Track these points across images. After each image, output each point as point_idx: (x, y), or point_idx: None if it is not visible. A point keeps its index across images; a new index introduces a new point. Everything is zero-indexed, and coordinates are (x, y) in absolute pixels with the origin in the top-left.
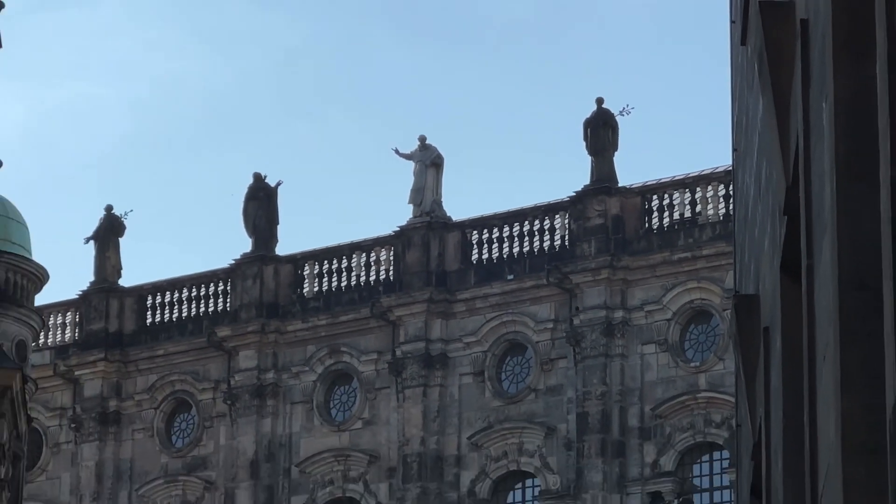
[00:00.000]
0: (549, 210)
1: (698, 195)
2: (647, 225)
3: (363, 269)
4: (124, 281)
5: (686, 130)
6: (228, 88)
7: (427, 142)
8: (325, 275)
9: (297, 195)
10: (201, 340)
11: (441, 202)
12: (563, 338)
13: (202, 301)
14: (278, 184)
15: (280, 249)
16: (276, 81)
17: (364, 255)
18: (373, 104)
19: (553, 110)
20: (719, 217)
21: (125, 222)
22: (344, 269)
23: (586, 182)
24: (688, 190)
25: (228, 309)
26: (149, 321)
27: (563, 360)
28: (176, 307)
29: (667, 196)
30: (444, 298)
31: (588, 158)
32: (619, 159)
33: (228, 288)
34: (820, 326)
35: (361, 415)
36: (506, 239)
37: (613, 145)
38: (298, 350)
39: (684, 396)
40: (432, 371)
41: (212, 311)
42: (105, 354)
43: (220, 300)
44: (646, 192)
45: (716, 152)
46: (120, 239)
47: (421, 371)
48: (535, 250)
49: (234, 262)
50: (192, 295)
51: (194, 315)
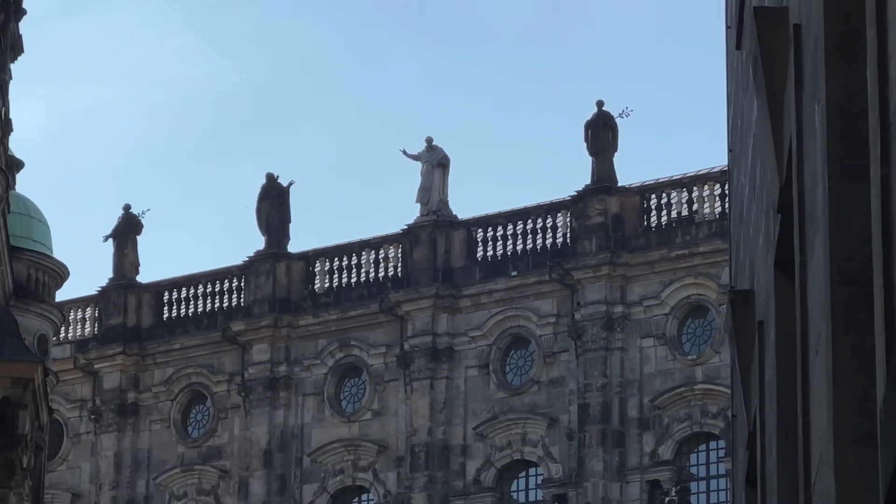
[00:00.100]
0: (551, 209)
1: (695, 194)
2: (645, 223)
3: (372, 265)
4: (142, 277)
5: (683, 132)
6: (242, 92)
7: (434, 143)
8: (336, 271)
9: (309, 195)
10: (216, 335)
11: (447, 201)
12: (564, 332)
13: (217, 297)
14: (290, 184)
15: (292, 247)
16: (288, 85)
17: (373, 252)
18: (381, 107)
19: (555, 112)
20: (715, 215)
21: (143, 221)
22: (354, 266)
23: (587, 182)
24: (685, 189)
25: (242, 304)
26: (165, 316)
27: (565, 354)
28: (192, 303)
29: (665, 195)
30: (451, 294)
31: (589, 159)
32: (619, 160)
33: (242, 284)
34: (812, 320)
35: (371, 406)
36: (509, 237)
37: (613, 146)
38: (310, 344)
39: (682, 388)
40: (439, 364)
41: (226, 307)
42: (123, 348)
43: (235, 296)
44: (644, 191)
45: (712, 153)
46: (138, 237)
47: (428, 364)
48: (538, 247)
49: (247, 259)
50: (208, 291)
51: (209, 310)
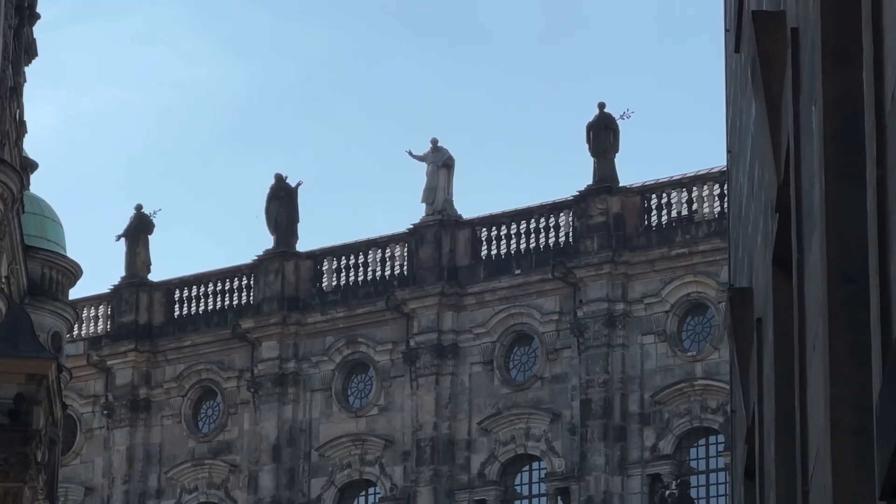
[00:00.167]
0: (554, 208)
1: (695, 194)
2: (646, 222)
3: (379, 264)
4: (153, 276)
5: (683, 133)
6: (251, 94)
7: (439, 144)
8: (343, 270)
9: (317, 195)
10: (226, 332)
11: (452, 201)
12: (567, 329)
13: (227, 295)
14: (298, 184)
15: (300, 246)
16: (296, 87)
17: (379, 251)
18: (387, 109)
19: (557, 114)
20: (714, 215)
21: (154, 221)
22: (360, 265)
23: (589, 182)
24: (685, 189)
25: (252, 302)
26: (176, 314)
27: (568, 350)
28: (202, 300)
29: (665, 195)
30: (455, 292)
31: (591, 160)
32: (620, 160)
33: (252, 282)
34: (810, 317)
35: (377, 402)
36: (513, 236)
37: (615, 147)
38: (318, 341)
39: (682, 384)
40: (444, 360)
41: (236, 305)
42: (135, 345)
43: (244, 294)
44: (645, 191)
45: (711, 154)
46: (149, 236)
47: (433, 360)
48: (541, 246)
49: (256, 258)
50: (218, 289)
51: (219, 308)
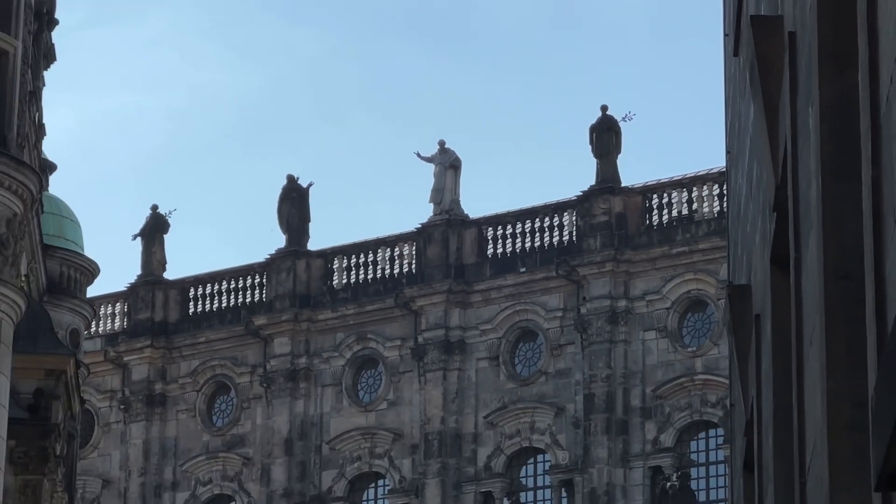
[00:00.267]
0: (558, 208)
1: (695, 194)
2: (647, 222)
3: (388, 262)
4: (169, 274)
5: (683, 135)
6: (262, 96)
7: (446, 146)
8: (353, 268)
9: (327, 195)
10: (239, 328)
11: (459, 201)
12: (571, 325)
13: (240, 292)
14: (310, 185)
15: (311, 245)
16: (307, 90)
17: (388, 249)
18: (396, 111)
19: (561, 117)
20: (714, 214)
21: (169, 220)
22: (370, 263)
23: (592, 182)
24: (685, 189)
25: (264, 300)
26: (191, 311)
27: (571, 346)
28: (216, 298)
29: (666, 195)
30: (462, 289)
31: (594, 160)
32: (622, 161)
33: (264, 280)
34: (807, 314)
35: (386, 396)
36: (518, 235)
37: (617, 148)
38: (328, 337)
39: (682, 378)
40: (451, 356)
41: (249, 302)
42: (151, 341)
43: (257, 292)
44: (646, 191)
45: (711, 155)
46: (164, 236)
47: (441, 356)
48: (546, 245)
49: (269, 256)
50: (231, 287)
51: (233, 305)
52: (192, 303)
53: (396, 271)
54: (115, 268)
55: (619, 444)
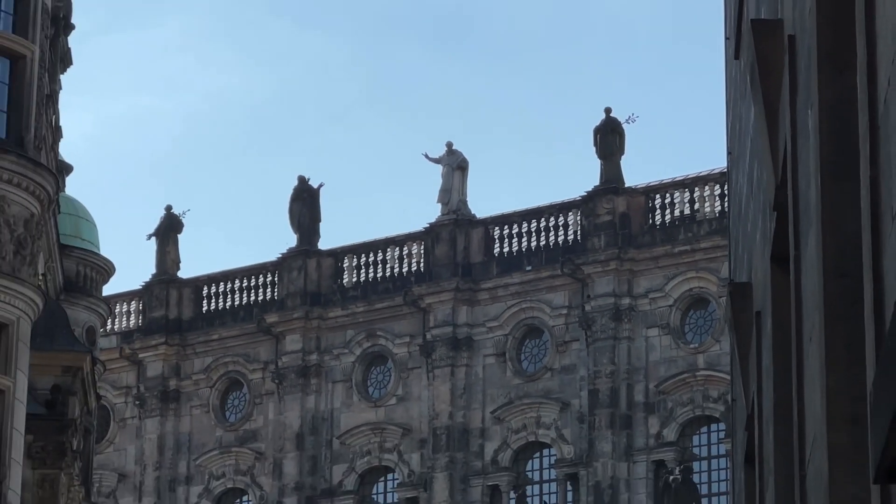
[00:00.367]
0: (563, 208)
1: (696, 194)
2: (650, 221)
3: (396, 261)
4: (183, 273)
5: (685, 136)
6: (274, 100)
7: (454, 147)
8: (363, 267)
9: (338, 196)
10: (252, 326)
11: (466, 201)
12: (576, 322)
13: (252, 291)
14: (320, 185)
15: (322, 244)
16: (318, 93)
17: (397, 249)
18: (404, 113)
19: (566, 119)
20: (715, 214)
21: (183, 220)
22: (379, 262)
23: (596, 183)
24: (687, 190)
25: (276, 298)
26: (205, 309)
27: (576, 343)
28: (229, 296)
29: (668, 195)
30: (470, 287)
31: (598, 162)
32: (626, 162)
33: (276, 279)
34: (806, 311)
35: (395, 392)
36: (524, 234)
37: (620, 150)
38: (339, 334)
39: (684, 374)
40: (459, 352)
41: (261, 300)
42: (166, 339)
43: (269, 290)
44: (649, 191)
45: (712, 155)
46: (178, 235)
47: (449, 353)
48: (551, 244)
49: (280, 255)
50: (244, 285)
51: (245, 303)
52: (205, 301)
53: (405, 270)
54: (131, 267)
55: (623, 438)
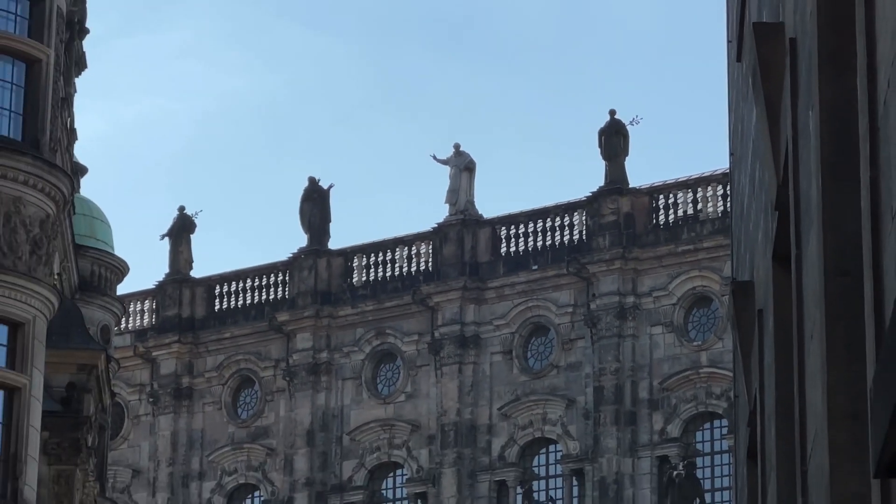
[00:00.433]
0: (568, 208)
1: (699, 194)
2: (654, 221)
3: (405, 261)
4: (195, 272)
5: (688, 138)
6: (285, 102)
7: (461, 149)
8: (372, 266)
9: (347, 196)
10: (263, 324)
11: (474, 202)
12: (581, 320)
13: (264, 290)
14: (330, 186)
15: (332, 244)
16: (328, 95)
17: (406, 248)
18: (413, 115)
19: (571, 121)
20: (718, 214)
21: (196, 221)
22: (388, 261)
23: (601, 183)
24: (690, 190)
25: (287, 296)
26: (217, 308)
27: (582, 340)
28: (241, 295)
29: (672, 196)
30: (477, 286)
31: (602, 163)
32: (630, 163)
33: (287, 278)
34: (808, 309)
35: (404, 389)
36: (531, 234)
37: (625, 151)
38: (349, 332)
39: (688, 371)
40: (466, 350)
41: (272, 299)
42: (179, 337)
43: (280, 289)
44: (653, 192)
45: (715, 156)
46: (191, 235)
47: (456, 350)
48: (557, 244)
49: (291, 255)
50: (255, 284)
51: (257, 302)
52: (217, 300)
53: (414, 269)
54: (144, 266)
55: (628, 434)
